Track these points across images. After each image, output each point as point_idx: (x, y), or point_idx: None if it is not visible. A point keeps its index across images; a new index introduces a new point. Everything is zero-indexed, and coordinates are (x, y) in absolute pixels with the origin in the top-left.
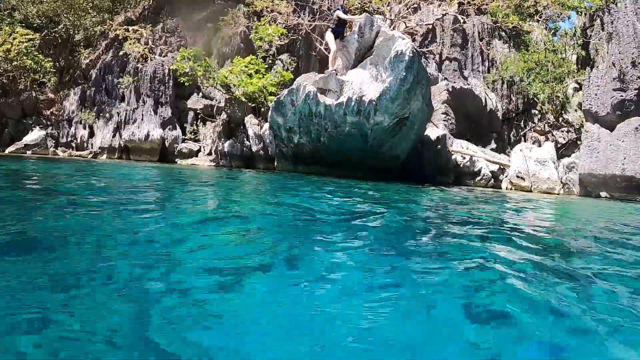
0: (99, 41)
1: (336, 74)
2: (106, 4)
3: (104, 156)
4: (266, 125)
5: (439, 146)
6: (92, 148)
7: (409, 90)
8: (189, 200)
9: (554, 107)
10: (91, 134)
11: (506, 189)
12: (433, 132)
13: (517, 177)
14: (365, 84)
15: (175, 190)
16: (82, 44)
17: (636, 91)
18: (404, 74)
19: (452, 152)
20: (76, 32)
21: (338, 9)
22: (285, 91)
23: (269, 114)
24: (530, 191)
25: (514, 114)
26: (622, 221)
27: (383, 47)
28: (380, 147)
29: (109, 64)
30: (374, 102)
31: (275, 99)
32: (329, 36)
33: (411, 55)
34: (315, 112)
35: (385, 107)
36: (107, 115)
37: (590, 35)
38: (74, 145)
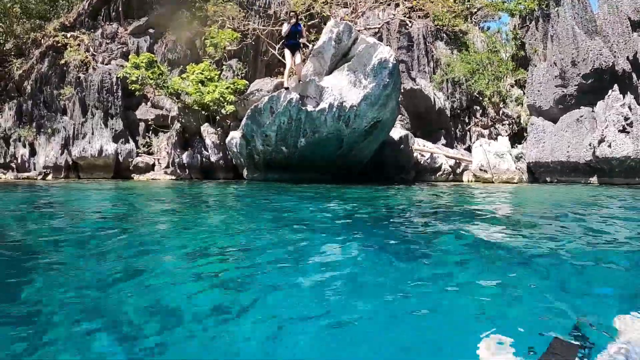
0: (31, 50)
1: (315, 80)
2: (42, 8)
3: (50, 176)
4: (233, 134)
5: (402, 145)
6: (34, 168)
7: (389, 96)
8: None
9: (496, 102)
10: (32, 153)
11: (468, 181)
12: (394, 132)
13: (480, 170)
14: (344, 89)
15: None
16: (12, 53)
17: (576, 87)
18: (388, 80)
19: (415, 151)
20: (7, 40)
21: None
22: (266, 98)
23: (243, 122)
24: (492, 182)
25: (458, 111)
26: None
27: (364, 54)
28: (350, 151)
29: (45, 74)
30: (355, 107)
31: (252, 107)
32: (286, 52)
33: (394, 62)
34: (295, 119)
35: (365, 111)
36: (49, 130)
37: (525, 35)
38: (13, 166)
